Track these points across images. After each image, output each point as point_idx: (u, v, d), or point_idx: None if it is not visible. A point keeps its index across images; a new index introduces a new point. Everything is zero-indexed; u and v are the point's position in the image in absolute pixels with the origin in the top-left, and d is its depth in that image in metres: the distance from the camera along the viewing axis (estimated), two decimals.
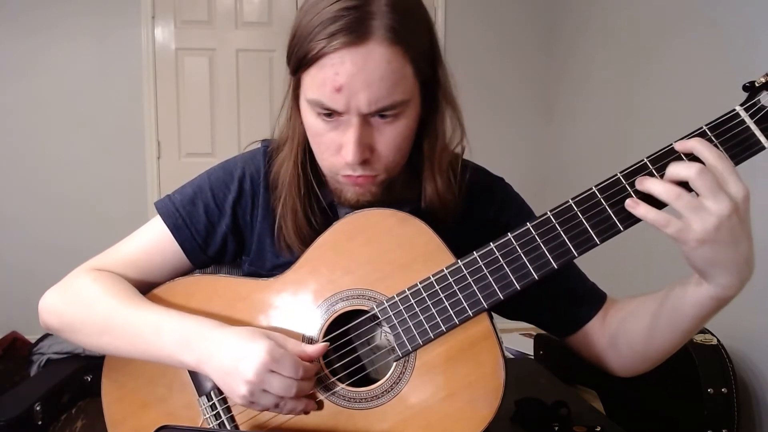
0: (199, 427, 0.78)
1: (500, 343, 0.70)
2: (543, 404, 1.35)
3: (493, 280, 0.69)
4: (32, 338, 2.36)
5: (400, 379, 0.72)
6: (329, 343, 0.73)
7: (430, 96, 0.74)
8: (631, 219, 0.65)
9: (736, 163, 0.62)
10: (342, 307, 0.75)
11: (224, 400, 0.77)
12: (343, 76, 0.65)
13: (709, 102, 1.97)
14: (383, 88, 0.65)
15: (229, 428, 0.76)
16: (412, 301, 0.71)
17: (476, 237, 0.73)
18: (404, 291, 0.72)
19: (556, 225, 0.68)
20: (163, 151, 3.19)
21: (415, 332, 0.71)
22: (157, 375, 0.80)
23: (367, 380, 0.75)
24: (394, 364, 0.73)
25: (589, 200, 0.66)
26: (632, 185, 0.65)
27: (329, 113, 0.68)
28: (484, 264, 0.70)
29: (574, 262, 0.76)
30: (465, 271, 0.70)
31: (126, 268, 0.83)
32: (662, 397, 1.65)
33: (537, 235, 0.68)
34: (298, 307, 0.76)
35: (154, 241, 0.84)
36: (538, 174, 3.30)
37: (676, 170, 0.62)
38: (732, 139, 0.63)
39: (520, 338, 2.71)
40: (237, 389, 0.67)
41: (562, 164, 3.22)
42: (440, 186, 0.77)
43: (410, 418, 0.71)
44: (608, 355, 0.81)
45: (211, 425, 0.77)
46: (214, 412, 0.77)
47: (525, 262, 0.69)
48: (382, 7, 0.65)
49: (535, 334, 2.24)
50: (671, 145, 0.64)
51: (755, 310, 1.65)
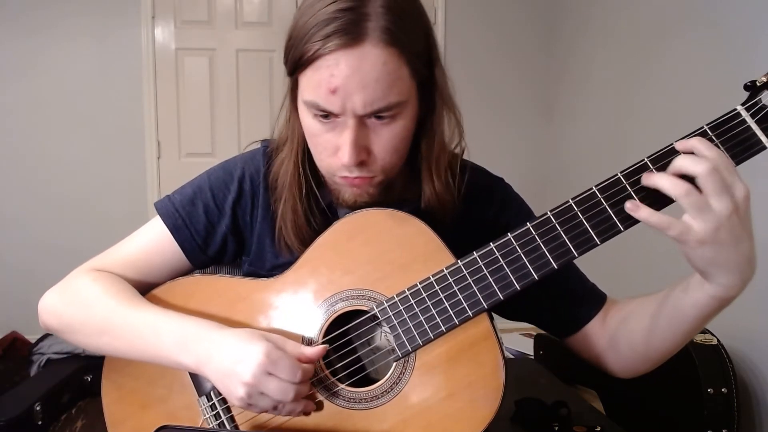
0: (199, 427, 0.78)
1: (500, 344, 0.70)
2: (543, 404, 1.35)
3: (492, 281, 0.69)
4: (32, 338, 2.35)
5: (400, 380, 0.72)
6: (328, 345, 0.73)
7: (427, 97, 0.74)
8: (631, 219, 0.65)
9: (737, 163, 0.62)
10: (342, 308, 0.74)
11: (224, 401, 0.77)
12: (338, 77, 0.65)
13: (709, 102, 1.97)
14: (378, 90, 0.65)
15: (229, 428, 0.76)
16: (412, 302, 0.71)
17: (476, 237, 0.72)
18: (404, 291, 0.72)
19: (556, 225, 0.67)
20: (163, 151, 3.18)
21: (415, 332, 0.71)
22: (157, 375, 0.80)
23: (367, 380, 0.75)
24: (394, 364, 0.72)
25: (590, 200, 0.66)
26: (633, 185, 0.65)
27: (325, 115, 0.68)
28: (483, 264, 0.70)
29: (574, 262, 0.76)
30: (465, 272, 0.70)
31: (125, 268, 0.83)
32: (662, 397, 1.65)
33: (537, 235, 0.68)
34: (297, 307, 0.76)
35: (153, 241, 0.84)
36: (538, 174, 3.30)
37: (684, 164, 0.61)
38: (733, 139, 0.63)
39: (520, 338, 2.71)
40: (234, 391, 0.67)
41: (562, 164, 3.22)
42: (439, 186, 0.77)
43: (410, 419, 0.71)
44: (608, 356, 0.81)
45: (211, 425, 0.77)
46: (214, 412, 0.77)
47: (525, 263, 0.68)
48: (377, 8, 0.65)
49: (535, 334, 2.23)
50: (672, 145, 0.64)
51: (755, 310, 1.65)
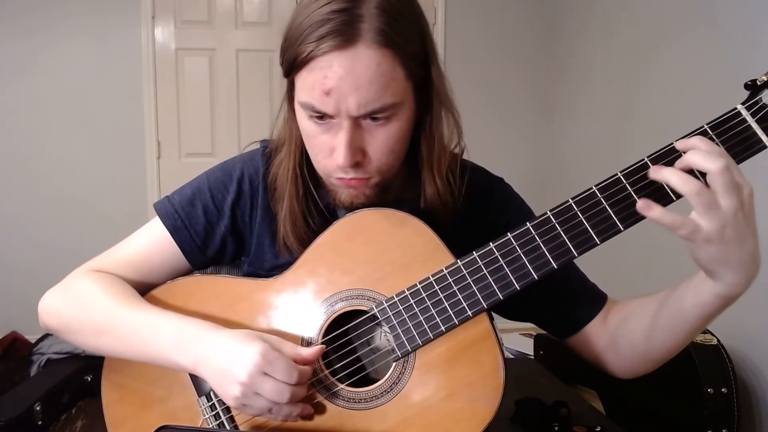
0: (199, 427, 0.78)
1: (500, 343, 0.70)
2: (543, 404, 1.35)
3: (492, 281, 0.69)
4: (32, 338, 2.35)
5: (399, 380, 0.72)
6: (325, 346, 0.73)
7: (424, 98, 0.74)
8: (632, 219, 0.65)
9: (738, 162, 0.62)
10: (341, 308, 0.74)
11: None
12: (332, 79, 0.65)
13: (709, 102, 1.97)
14: (372, 91, 0.65)
15: (229, 428, 0.76)
16: (412, 302, 0.71)
17: (476, 237, 0.72)
18: (403, 291, 0.72)
19: (556, 225, 0.67)
20: (163, 151, 3.18)
21: (415, 333, 0.71)
22: (157, 376, 0.80)
23: (367, 380, 0.75)
24: (394, 364, 0.72)
25: (589, 200, 0.66)
26: (633, 185, 0.64)
27: (321, 116, 0.68)
28: (483, 264, 0.69)
29: (575, 262, 0.76)
30: (464, 271, 0.70)
31: (125, 269, 0.83)
32: (662, 397, 1.64)
33: (537, 234, 0.68)
34: (297, 307, 0.76)
35: (153, 242, 0.84)
36: (538, 174, 3.30)
37: (696, 160, 0.59)
38: (733, 138, 0.63)
39: (520, 338, 2.71)
40: (230, 390, 0.67)
41: (562, 164, 3.22)
42: (439, 186, 0.77)
43: (410, 418, 0.71)
44: (608, 357, 0.81)
45: (211, 425, 0.77)
46: (214, 412, 0.77)
47: (525, 262, 0.68)
48: (371, 9, 0.65)
49: (535, 334, 2.23)
50: (672, 145, 0.64)
51: (755, 310, 1.65)
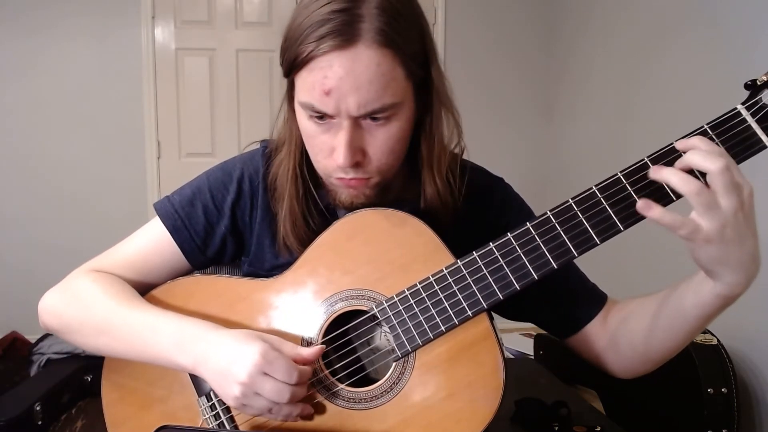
0: (199, 427, 0.78)
1: (500, 343, 0.70)
2: (543, 404, 1.35)
3: (492, 281, 0.69)
4: (32, 338, 2.35)
5: (399, 380, 0.72)
6: (325, 346, 0.73)
7: (424, 98, 0.74)
8: (632, 219, 0.65)
9: (738, 162, 0.62)
10: (341, 308, 0.74)
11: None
12: (332, 79, 0.65)
13: (709, 102, 1.97)
14: (372, 91, 0.65)
15: (229, 428, 0.76)
16: (412, 302, 0.71)
17: (476, 237, 0.72)
18: (403, 291, 0.72)
19: (556, 225, 0.67)
20: (163, 151, 3.18)
21: (415, 333, 0.71)
22: (157, 376, 0.80)
23: (367, 380, 0.75)
24: (394, 364, 0.72)
25: (589, 200, 0.66)
26: (632, 185, 0.64)
27: (321, 116, 0.68)
28: (483, 264, 0.69)
29: (575, 262, 0.76)
30: (464, 271, 0.70)
31: (125, 269, 0.83)
32: (662, 397, 1.64)
33: (537, 234, 0.68)
34: (297, 307, 0.76)
35: (153, 242, 0.84)
36: (538, 174, 3.30)
37: (696, 160, 0.59)
38: (733, 138, 0.63)
39: (520, 338, 2.71)
40: (229, 390, 0.67)
41: (562, 164, 3.22)
42: (439, 186, 0.77)
43: (410, 418, 0.71)
44: (608, 357, 0.81)
45: (211, 425, 0.77)
46: (214, 412, 0.77)
47: (525, 262, 0.68)
48: (371, 9, 0.65)
49: (535, 334, 2.23)
50: (672, 145, 0.64)
51: (755, 310, 1.65)
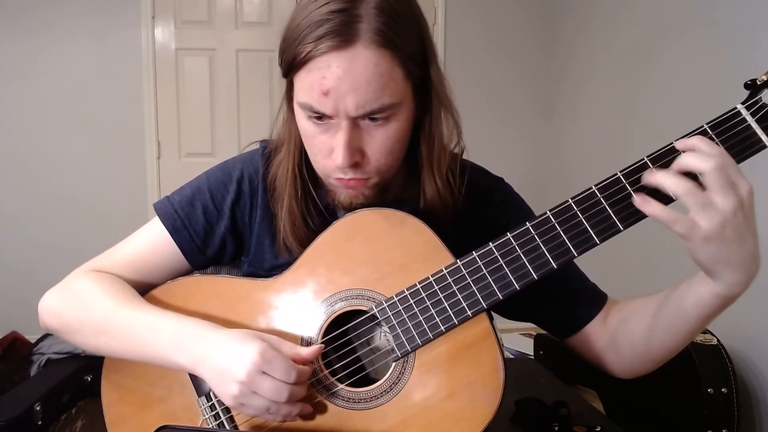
0: (198, 427, 0.78)
1: (500, 343, 0.70)
2: (543, 404, 1.35)
3: (492, 280, 0.69)
4: (32, 338, 2.35)
5: (399, 380, 0.72)
6: (324, 346, 0.73)
7: (424, 98, 0.74)
8: (631, 218, 0.65)
9: (738, 162, 0.62)
10: (341, 308, 0.74)
11: None
12: (330, 79, 0.65)
13: (709, 102, 1.97)
14: (370, 92, 0.65)
15: (229, 428, 0.76)
16: (411, 302, 0.71)
17: (476, 237, 0.72)
18: (403, 291, 0.72)
19: (556, 225, 0.67)
20: (163, 151, 3.18)
21: (414, 333, 0.71)
22: (157, 376, 0.80)
23: (367, 380, 0.75)
24: (394, 364, 0.72)
25: (589, 200, 0.66)
26: (632, 184, 0.64)
27: (319, 116, 0.68)
28: (483, 264, 0.69)
29: (575, 262, 0.75)
30: (464, 271, 0.70)
31: (125, 269, 0.83)
32: (662, 397, 1.64)
33: (536, 234, 0.68)
34: (297, 307, 0.76)
35: (152, 242, 0.84)
36: (538, 174, 3.30)
37: (689, 161, 0.60)
38: (733, 138, 0.62)
39: (520, 338, 2.71)
40: (227, 390, 0.67)
41: (562, 164, 3.22)
42: (439, 186, 0.77)
43: (410, 418, 0.71)
44: (609, 357, 0.81)
45: (211, 425, 0.77)
46: (214, 412, 0.77)
47: (524, 262, 0.68)
48: (369, 10, 0.65)
49: (535, 334, 2.23)
50: (672, 144, 0.64)
51: (755, 310, 1.65)
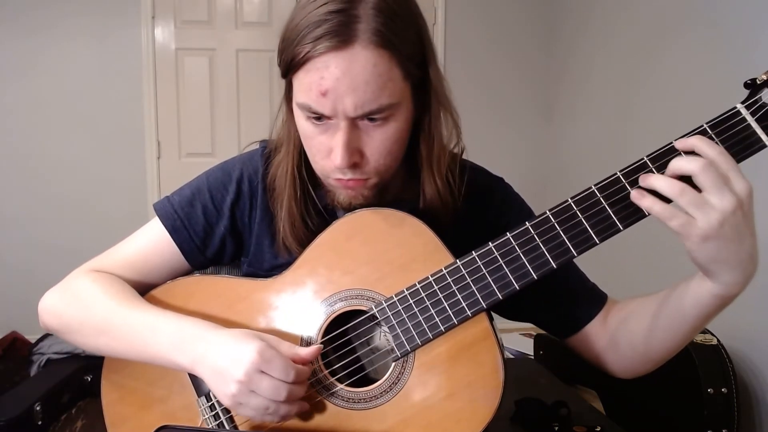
0: (198, 427, 0.78)
1: (500, 343, 0.70)
2: (543, 404, 1.35)
3: (492, 280, 0.69)
4: (32, 338, 2.35)
5: (399, 380, 0.72)
6: (323, 346, 0.73)
7: (423, 98, 0.74)
8: (631, 218, 0.65)
9: (737, 162, 0.62)
10: (341, 308, 0.74)
11: None
12: (329, 80, 0.64)
13: (709, 102, 1.97)
14: (369, 92, 0.65)
15: (229, 428, 0.76)
16: (411, 302, 0.71)
17: (475, 237, 0.72)
18: (403, 291, 0.72)
19: (555, 224, 0.67)
20: (163, 151, 3.18)
21: (414, 333, 0.71)
22: (157, 376, 0.80)
23: (367, 380, 0.75)
24: (393, 364, 0.72)
25: (589, 199, 0.66)
26: (632, 184, 0.64)
27: (318, 117, 0.68)
28: (482, 264, 0.69)
29: (575, 262, 0.76)
30: (464, 271, 0.70)
31: (125, 269, 0.83)
32: (662, 397, 1.64)
33: (536, 234, 0.68)
34: (297, 307, 0.76)
35: (152, 242, 0.84)
36: (538, 174, 3.30)
37: (679, 164, 0.61)
38: (733, 137, 0.63)
39: (520, 338, 2.71)
40: (226, 389, 0.67)
41: (562, 164, 3.22)
42: (439, 186, 0.77)
43: (410, 418, 0.71)
44: (608, 356, 0.81)
45: (210, 425, 0.77)
46: (213, 412, 0.77)
47: (524, 262, 0.68)
48: (368, 10, 0.65)
49: (535, 334, 2.23)
50: (671, 144, 0.64)
51: (755, 310, 1.65)
